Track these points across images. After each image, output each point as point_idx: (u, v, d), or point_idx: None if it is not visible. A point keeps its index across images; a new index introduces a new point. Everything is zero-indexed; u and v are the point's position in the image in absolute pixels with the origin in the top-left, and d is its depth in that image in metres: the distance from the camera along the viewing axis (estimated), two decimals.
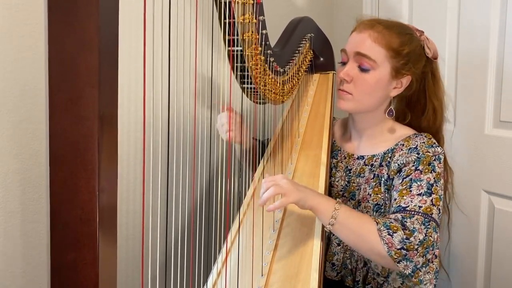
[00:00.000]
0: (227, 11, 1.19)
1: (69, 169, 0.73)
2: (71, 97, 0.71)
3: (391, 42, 1.39)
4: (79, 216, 0.73)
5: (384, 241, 1.19)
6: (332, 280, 1.52)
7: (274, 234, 1.35)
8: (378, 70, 1.39)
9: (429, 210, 1.26)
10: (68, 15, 0.70)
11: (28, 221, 1.42)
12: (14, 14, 1.33)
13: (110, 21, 0.72)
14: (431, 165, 1.34)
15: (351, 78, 1.41)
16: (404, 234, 1.20)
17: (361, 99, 1.43)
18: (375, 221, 1.22)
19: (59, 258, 0.75)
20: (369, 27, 1.41)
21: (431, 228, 1.23)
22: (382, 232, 1.20)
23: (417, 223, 1.23)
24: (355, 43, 1.42)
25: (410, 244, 1.19)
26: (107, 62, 0.72)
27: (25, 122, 1.38)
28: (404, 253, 1.19)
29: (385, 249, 1.19)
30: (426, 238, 1.22)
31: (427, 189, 1.30)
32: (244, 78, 1.37)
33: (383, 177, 1.44)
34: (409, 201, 1.28)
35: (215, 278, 1.23)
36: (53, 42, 0.71)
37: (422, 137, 1.42)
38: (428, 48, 1.45)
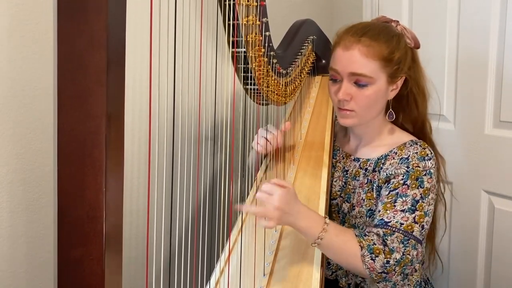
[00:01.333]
0: (231, 13, 1.20)
1: (77, 166, 0.74)
2: (79, 95, 0.72)
3: (382, 52, 1.36)
4: (86, 212, 0.74)
5: (366, 265, 1.23)
6: (327, 278, 1.53)
7: (276, 234, 1.36)
8: (375, 84, 1.38)
9: (410, 228, 1.27)
10: (77, 14, 0.71)
11: (29, 220, 1.42)
12: (15, 14, 1.33)
13: (118, 21, 0.73)
14: (418, 180, 1.33)
15: (350, 96, 1.39)
16: (384, 257, 1.23)
17: (364, 114, 1.42)
18: (360, 245, 1.24)
19: (66, 254, 0.76)
20: (356, 41, 1.37)
21: (409, 247, 1.25)
22: (365, 258, 1.23)
23: (396, 242, 1.25)
24: (347, 63, 1.38)
25: (389, 268, 1.23)
26: (114, 61, 0.73)
27: (26, 122, 1.38)
28: (384, 276, 1.24)
29: (367, 272, 1.23)
30: (404, 257, 1.24)
31: (411, 205, 1.30)
32: (247, 79, 1.37)
33: (375, 183, 1.44)
34: (392, 216, 1.29)
35: (218, 277, 1.24)
36: (62, 40, 0.72)
37: (417, 146, 1.40)
38: (408, 38, 1.44)
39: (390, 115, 1.46)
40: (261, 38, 1.30)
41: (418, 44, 1.46)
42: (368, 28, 1.40)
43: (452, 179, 2.03)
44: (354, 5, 2.50)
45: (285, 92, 1.57)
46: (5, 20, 1.31)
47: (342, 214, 1.53)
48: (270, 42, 1.36)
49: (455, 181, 2.03)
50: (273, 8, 1.93)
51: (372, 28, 1.40)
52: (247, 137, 1.66)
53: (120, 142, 0.76)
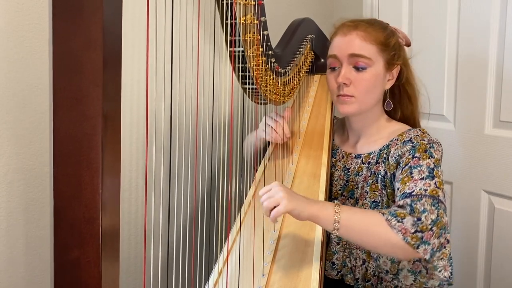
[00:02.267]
0: (229, 12, 1.19)
1: (73, 167, 0.73)
2: (75, 96, 0.72)
3: (378, 36, 1.42)
4: (83, 214, 0.74)
5: (396, 229, 1.14)
6: (332, 279, 1.52)
7: (275, 234, 1.35)
8: (374, 67, 1.41)
9: (435, 193, 1.23)
10: (73, 14, 0.70)
11: (29, 220, 1.42)
12: (15, 15, 1.33)
13: (114, 21, 0.73)
14: (427, 152, 1.33)
15: (350, 81, 1.42)
16: (414, 216, 1.15)
17: (364, 99, 1.44)
18: (381, 213, 1.17)
19: (62, 256, 0.76)
20: (353, 28, 1.44)
21: (441, 209, 1.20)
22: (391, 222, 1.14)
23: (427, 205, 1.19)
24: (346, 46, 1.43)
25: (423, 225, 1.15)
26: (111, 61, 0.72)
27: (26, 122, 1.38)
28: (421, 236, 1.14)
29: (400, 237, 1.13)
30: (439, 218, 1.17)
31: (428, 173, 1.28)
32: (245, 79, 1.37)
33: (380, 174, 1.44)
34: (413, 186, 1.25)
35: (216, 277, 1.24)
36: (58, 41, 0.72)
37: (416, 130, 1.44)
38: (400, 37, 1.50)
39: (388, 104, 1.49)
40: (259, 37, 1.30)
41: (408, 42, 1.53)
42: (362, 20, 1.48)
43: (452, 179, 2.03)
44: (354, 5, 2.50)
45: (283, 91, 1.56)
46: (5, 20, 1.31)
47: None
48: (268, 41, 1.36)
49: (455, 181, 2.02)
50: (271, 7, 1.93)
51: (367, 19, 1.50)
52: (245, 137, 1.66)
53: (117, 142, 0.76)
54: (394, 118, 1.55)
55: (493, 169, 1.88)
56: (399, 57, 1.46)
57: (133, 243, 1.65)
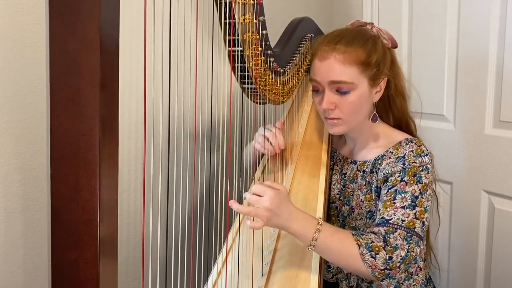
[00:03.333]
0: (228, 11, 1.19)
1: (70, 168, 0.73)
2: (73, 96, 0.71)
3: (359, 56, 1.35)
4: (80, 215, 0.73)
5: (367, 264, 1.19)
6: (327, 281, 1.52)
7: (274, 234, 1.35)
8: (357, 89, 1.37)
9: (411, 224, 1.26)
10: (70, 14, 0.70)
11: (29, 220, 1.42)
12: (14, 14, 1.33)
13: (111, 20, 0.72)
14: (416, 176, 1.32)
15: (334, 105, 1.38)
16: (386, 253, 1.20)
17: (351, 119, 1.41)
18: (358, 244, 1.20)
19: (60, 257, 0.75)
20: (331, 50, 1.36)
21: (413, 243, 1.23)
22: (365, 256, 1.19)
23: (400, 239, 1.22)
24: (325, 72, 1.37)
25: (392, 264, 1.19)
26: (108, 61, 0.72)
27: (25, 122, 1.38)
28: (387, 273, 1.20)
29: (369, 270, 1.19)
30: (408, 254, 1.21)
31: (411, 201, 1.29)
32: (244, 79, 1.37)
33: (373, 184, 1.43)
34: (392, 213, 1.27)
35: (215, 278, 1.24)
36: (54, 41, 0.71)
37: (412, 144, 1.40)
38: (385, 39, 1.43)
39: (374, 118, 1.45)
40: (258, 36, 1.29)
41: (395, 44, 1.45)
42: (342, 35, 1.39)
43: (452, 179, 2.03)
44: (354, 5, 2.49)
45: (282, 91, 1.56)
46: (5, 20, 1.31)
47: (342, 217, 1.53)
48: (267, 41, 1.35)
49: (455, 181, 2.02)
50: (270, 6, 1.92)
51: (345, 35, 1.40)
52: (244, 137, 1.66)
53: (115, 143, 0.76)
54: (388, 122, 1.53)
55: (493, 169, 1.88)
56: (383, 71, 1.40)
57: (131, 244, 1.65)
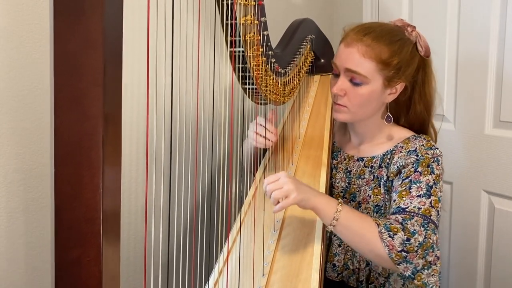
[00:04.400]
0: (229, 12, 1.19)
1: (74, 167, 0.73)
2: (76, 95, 0.72)
3: (381, 54, 1.36)
4: (83, 213, 0.74)
5: (385, 243, 1.19)
6: (332, 281, 1.52)
7: (275, 234, 1.35)
8: (370, 84, 1.38)
9: (428, 212, 1.27)
10: (74, 14, 0.70)
11: (29, 220, 1.42)
12: (15, 14, 1.33)
13: (115, 21, 0.73)
14: (430, 167, 1.34)
15: (344, 92, 1.41)
16: (404, 235, 1.20)
17: (356, 111, 1.43)
18: (376, 223, 1.22)
19: (63, 256, 0.75)
20: (357, 40, 1.38)
21: (430, 230, 1.24)
22: (383, 235, 1.20)
23: (417, 225, 1.23)
24: (344, 58, 1.40)
25: (410, 246, 1.20)
26: (111, 61, 0.73)
27: (25, 122, 1.38)
28: (404, 255, 1.20)
29: (386, 251, 1.19)
30: (426, 240, 1.22)
31: (426, 191, 1.30)
32: (245, 79, 1.37)
33: (383, 178, 1.44)
34: (409, 202, 1.29)
35: (216, 277, 1.24)
36: (58, 41, 0.72)
37: (421, 139, 1.42)
38: (421, 45, 1.43)
39: (388, 119, 1.46)
40: (259, 37, 1.30)
41: (428, 53, 1.45)
42: (373, 29, 1.40)
43: (452, 179, 2.03)
44: (354, 5, 2.50)
45: (283, 91, 1.56)
46: (5, 20, 1.31)
47: None
48: (269, 42, 1.36)
49: (455, 181, 2.03)
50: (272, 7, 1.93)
51: (376, 29, 1.41)
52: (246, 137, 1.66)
53: (117, 142, 0.76)
54: (398, 123, 1.53)
55: (493, 169, 1.88)
56: (402, 75, 1.40)
57: (132, 243, 1.65)
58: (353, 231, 1.24)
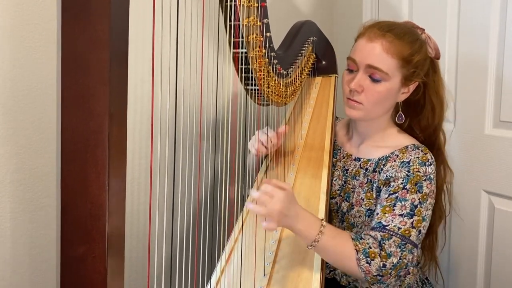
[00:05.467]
0: (232, 14, 1.20)
1: (80, 164, 0.74)
2: (83, 94, 0.73)
3: (403, 51, 1.37)
4: (89, 210, 0.75)
5: (362, 268, 1.24)
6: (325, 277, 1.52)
7: (276, 235, 1.36)
8: (389, 82, 1.38)
9: (407, 233, 1.28)
10: (81, 14, 0.72)
11: (30, 220, 1.42)
12: (15, 14, 1.32)
13: (121, 21, 0.74)
14: (417, 185, 1.34)
15: (362, 88, 1.40)
16: (380, 260, 1.24)
17: (371, 109, 1.42)
18: (356, 249, 1.25)
19: (68, 252, 0.77)
20: (380, 36, 1.38)
21: (406, 251, 1.27)
22: (361, 261, 1.24)
23: (394, 246, 1.26)
24: (366, 54, 1.39)
25: (385, 271, 1.24)
26: (117, 60, 0.74)
27: (26, 122, 1.38)
28: (379, 278, 1.25)
29: (362, 275, 1.25)
30: (400, 261, 1.26)
31: (410, 210, 1.31)
32: (248, 80, 1.37)
33: (375, 183, 1.44)
34: (390, 220, 1.30)
35: (218, 276, 1.24)
36: (66, 40, 0.73)
37: (418, 151, 1.40)
38: (431, 47, 1.44)
39: (400, 118, 1.47)
40: (262, 39, 1.31)
41: (438, 56, 1.46)
42: (395, 26, 1.42)
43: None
44: (354, 7, 2.50)
45: (285, 92, 1.57)
46: (6, 20, 1.31)
47: (341, 213, 1.53)
48: (271, 43, 1.37)
49: (455, 181, 2.02)
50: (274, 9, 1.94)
51: (398, 27, 1.42)
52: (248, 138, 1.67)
53: (123, 140, 0.77)
54: (401, 127, 1.53)
55: (493, 169, 1.88)
56: (418, 75, 1.41)
57: (135, 242, 1.65)
58: (331, 255, 1.27)
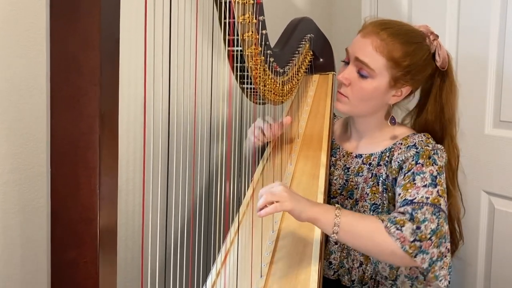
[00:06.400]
0: (227, 11, 1.19)
1: (70, 167, 0.73)
2: (73, 95, 0.72)
3: (393, 52, 1.35)
4: (80, 213, 0.73)
5: (394, 237, 1.14)
6: (329, 279, 1.51)
7: (273, 235, 1.35)
8: (376, 79, 1.37)
9: (437, 201, 1.23)
10: (70, 13, 0.70)
11: (25, 221, 1.41)
12: (10, 14, 1.32)
13: (112, 20, 0.73)
14: (431, 158, 1.32)
15: (349, 82, 1.40)
16: (413, 224, 1.16)
17: (356, 104, 1.42)
18: (380, 219, 1.18)
19: (59, 257, 0.75)
20: (374, 33, 1.37)
21: (441, 218, 1.20)
22: (390, 229, 1.15)
23: (428, 213, 1.19)
24: (357, 48, 1.39)
25: (422, 234, 1.15)
26: (108, 60, 0.72)
27: (21, 122, 1.37)
28: (419, 245, 1.15)
29: (398, 245, 1.14)
30: (439, 227, 1.18)
31: (431, 180, 1.27)
32: (243, 79, 1.36)
33: (381, 176, 1.43)
34: (415, 193, 1.25)
35: (214, 278, 1.23)
36: (55, 40, 0.71)
37: (420, 135, 1.41)
38: (439, 55, 1.41)
39: (392, 121, 1.45)
40: (258, 36, 1.29)
41: (444, 65, 1.42)
42: (392, 26, 1.40)
43: None
44: (353, 4, 2.49)
45: (282, 91, 1.56)
46: (0, 19, 1.30)
47: None
48: (267, 41, 1.35)
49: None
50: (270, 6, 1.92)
51: (395, 27, 1.40)
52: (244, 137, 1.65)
53: (114, 142, 0.76)
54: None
55: (493, 169, 1.87)
56: (410, 79, 1.39)
57: (129, 244, 1.64)
58: (358, 235, 1.19)
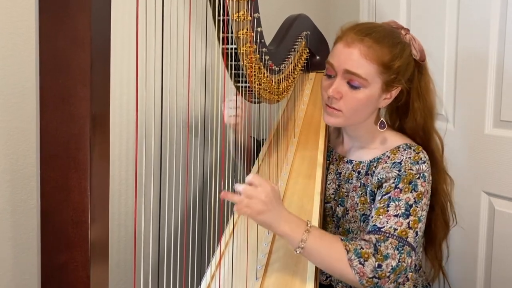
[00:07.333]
0: (221, 8, 1.17)
1: (61, 169, 0.72)
2: (63, 95, 0.71)
3: (382, 57, 1.31)
4: (71, 216, 0.73)
5: (355, 270, 1.16)
6: (321, 284, 1.50)
7: (269, 237, 1.34)
8: (369, 88, 1.33)
9: (404, 234, 1.22)
10: (60, 11, 0.69)
11: (17, 222, 1.41)
12: (2, 12, 1.32)
13: (103, 18, 0.72)
14: (411, 184, 1.29)
15: (340, 95, 1.35)
16: (376, 261, 1.17)
17: (351, 116, 1.38)
18: (346, 249, 1.18)
19: (50, 260, 0.75)
20: (358, 41, 1.32)
21: (404, 253, 1.20)
22: (353, 262, 1.16)
23: (391, 248, 1.19)
24: (344, 59, 1.33)
25: (382, 272, 1.17)
26: (99, 60, 0.72)
27: (14, 122, 1.37)
28: (376, 281, 1.17)
29: (357, 278, 1.16)
30: (399, 264, 1.18)
31: (405, 210, 1.26)
32: (238, 77, 1.35)
33: (368, 186, 1.40)
34: (385, 221, 1.24)
35: (208, 281, 1.22)
36: (44, 39, 0.71)
37: (410, 151, 1.36)
38: (415, 49, 1.38)
39: (382, 125, 1.41)
40: (253, 34, 1.28)
41: (423, 58, 1.40)
42: (374, 30, 1.35)
43: None
44: (351, 3, 2.48)
45: (277, 89, 1.54)
46: None
47: (336, 218, 1.51)
48: (262, 38, 1.34)
49: (454, 182, 2.00)
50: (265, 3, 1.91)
51: (378, 30, 1.35)
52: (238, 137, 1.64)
53: (105, 143, 0.75)
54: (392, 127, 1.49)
55: (493, 169, 1.87)
56: (400, 80, 1.35)
57: (122, 246, 1.63)
58: (320, 258, 1.19)
